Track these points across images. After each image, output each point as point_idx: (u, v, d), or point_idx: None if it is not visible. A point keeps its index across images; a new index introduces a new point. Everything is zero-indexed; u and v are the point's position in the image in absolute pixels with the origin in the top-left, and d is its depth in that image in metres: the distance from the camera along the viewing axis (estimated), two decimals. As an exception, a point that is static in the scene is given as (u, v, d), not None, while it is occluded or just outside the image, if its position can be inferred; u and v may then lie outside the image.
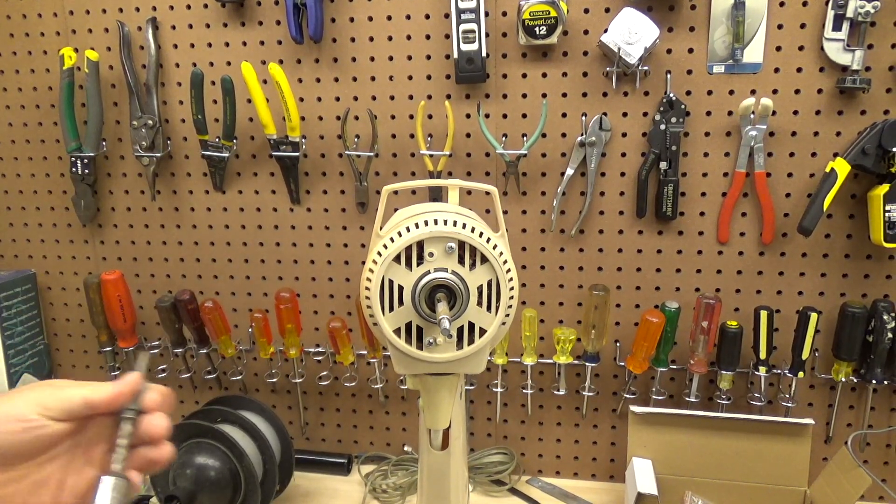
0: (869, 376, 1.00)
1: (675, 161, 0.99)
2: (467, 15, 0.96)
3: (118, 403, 0.48)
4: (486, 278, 0.60)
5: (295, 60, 1.06)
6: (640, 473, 0.95)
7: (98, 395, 0.47)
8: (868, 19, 0.90)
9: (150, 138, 1.09)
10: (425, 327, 0.60)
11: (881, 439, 1.07)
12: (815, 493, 0.95)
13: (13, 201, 1.20)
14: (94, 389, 0.48)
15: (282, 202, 1.12)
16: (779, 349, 1.04)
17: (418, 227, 0.59)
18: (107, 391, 0.48)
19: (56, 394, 0.47)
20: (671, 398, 1.10)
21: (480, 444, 1.18)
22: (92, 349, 1.25)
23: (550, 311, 1.10)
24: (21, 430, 0.45)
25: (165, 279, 1.19)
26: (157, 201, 1.15)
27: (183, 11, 1.07)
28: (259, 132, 1.08)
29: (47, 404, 0.46)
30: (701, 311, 1.00)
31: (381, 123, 1.05)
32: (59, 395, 0.47)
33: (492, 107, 1.03)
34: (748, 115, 0.96)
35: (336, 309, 1.15)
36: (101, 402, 0.47)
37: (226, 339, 1.12)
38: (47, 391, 0.47)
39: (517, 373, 1.13)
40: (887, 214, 0.92)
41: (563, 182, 1.03)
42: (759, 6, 0.94)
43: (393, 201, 1.06)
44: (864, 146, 0.92)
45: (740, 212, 1.01)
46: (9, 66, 1.13)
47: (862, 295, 1.01)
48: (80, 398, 0.47)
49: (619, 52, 0.93)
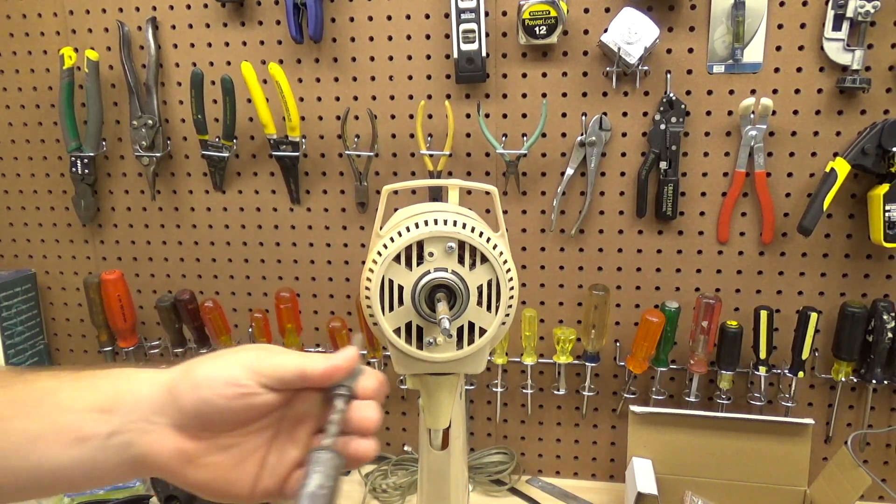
0: (869, 376, 1.00)
1: (675, 161, 0.99)
2: (467, 15, 0.96)
3: (334, 378, 0.44)
4: (486, 278, 0.60)
5: (295, 60, 1.06)
6: (640, 473, 0.95)
7: (313, 367, 0.43)
8: (868, 19, 0.90)
9: (150, 138, 1.09)
10: (425, 327, 0.61)
11: (881, 439, 1.07)
12: (815, 492, 0.95)
13: (13, 201, 1.20)
14: (310, 359, 0.44)
15: (282, 202, 1.12)
16: (779, 349, 1.04)
17: (418, 227, 0.59)
18: (323, 363, 0.44)
19: (270, 360, 0.43)
20: (671, 398, 1.10)
21: (480, 443, 1.18)
22: (92, 349, 1.25)
23: (550, 310, 1.10)
24: (234, 395, 0.42)
25: (165, 279, 1.19)
26: (157, 201, 1.15)
27: (183, 11, 1.07)
28: (259, 132, 1.08)
29: (261, 370, 0.43)
30: (701, 311, 1.00)
31: (380, 123, 1.05)
32: (273, 362, 0.43)
33: (492, 106, 1.03)
34: (748, 114, 0.96)
35: (336, 309, 1.15)
36: (315, 374, 0.43)
37: (226, 338, 1.12)
38: (262, 355, 0.44)
39: (517, 373, 1.13)
40: (887, 214, 0.92)
41: (563, 182, 1.03)
42: (759, 6, 0.94)
43: (393, 201, 1.05)
44: (864, 146, 0.92)
45: (740, 211, 1.01)
46: (9, 65, 1.13)
47: (862, 295, 1.01)
48: (294, 367, 0.43)
49: (619, 51, 0.93)
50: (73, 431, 0.42)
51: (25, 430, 0.42)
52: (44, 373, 0.46)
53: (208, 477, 0.44)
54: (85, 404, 0.43)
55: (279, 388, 0.43)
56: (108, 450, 0.43)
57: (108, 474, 0.43)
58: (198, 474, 0.43)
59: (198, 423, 0.43)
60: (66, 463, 0.42)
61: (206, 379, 0.43)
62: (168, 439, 0.43)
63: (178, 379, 0.43)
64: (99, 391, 0.44)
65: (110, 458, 0.43)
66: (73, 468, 0.42)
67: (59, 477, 0.43)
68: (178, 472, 0.43)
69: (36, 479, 0.43)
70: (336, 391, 0.44)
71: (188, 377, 0.43)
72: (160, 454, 0.43)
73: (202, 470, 0.43)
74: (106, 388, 0.44)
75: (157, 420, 0.43)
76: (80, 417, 0.43)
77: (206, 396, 0.42)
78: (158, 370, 0.45)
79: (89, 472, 0.43)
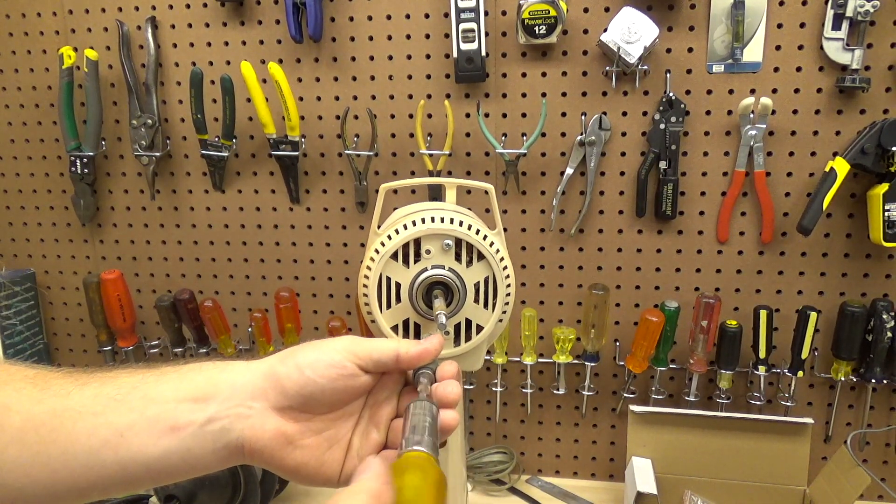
0: (868, 375, 1.00)
1: (674, 160, 0.99)
2: (467, 14, 0.96)
3: (423, 359, 0.47)
4: (483, 275, 0.60)
5: (294, 60, 1.06)
6: (639, 473, 0.95)
7: (406, 349, 0.46)
8: (867, 18, 0.90)
9: (150, 137, 1.09)
10: (422, 324, 0.61)
11: (880, 438, 1.07)
12: (815, 492, 0.95)
13: (13, 201, 1.20)
14: (403, 343, 0.47)
15: (281, 201, 1.12)
16: (778, 348, 1.03)
17: (415, 225, 0.59)
18: (415, 347, 0.46)
19: (366, 343, 0.46)
20: (671, 397, 1.09)
21: (480, 443, 1.18)
22: (91, 348, 1.25)
23: (550, 310, 1.10)
24: (336, 376, 0.44)
25: (165, 278, 1.19)
26: (157, 201, 1.15)
27: (182, 11, 1.07)
28: (258, 131, 1.08)
29: (358, 353, 0.45)
30: (700, 311, 1.00)
31: (380, 123, 1.05)
32: (369, 345, 0.45)
33: (491, 106, 1.03)
34: (748, 114, 0.96)
35: (336, 308, 1.15)
36: (409, 356, 0.46)
37: (225, 338, 1.12)
38: (358, 339, 0.46)
39: (517, 372, 1.13)
40: (887, 213, 0.92)
41: (562, 181, 1.03)
42: (758, 5, 0.94)
43: (392, 201, 1.05)
44: (864, 145, 0.92)
45: (740, 211, 1.01)
46: (8, 65, 1.13)
47: (861, 294, 1.01)
48: (391, 349, 0.45)
49: (618, 51, 0.93)
50: (167, 421, 0.43)
51: (114, 424, 0.42)
52: (122, 370, 0.46)
53: (304, 459, 0.45)
54: (177, 395, 0.44)
55: (374, 369, 0.46)
56: (205, 437, 0.43)
57: (201, 462, 0.44)
58: (295, 456, 0.45)
59: (300, 403, 0.44)
60: (157, 454, 0.42)
61: (309, 361, 0.44)
62: (269, 421, 0.44)
63: (278, 364, 0.45)
64: (190, 382, 0.45)
65: (206, 445, 0.43)
66: (166, 459, 0.43)
67: (150, 469, 0.43)
68: (275, 453, 0.44)
69: (127, 473, 0.43)
70: (421, 371, 0.48)
71: (290, 361, 0.45)
72: (261, 437, 0.43)
73: (299, 452, 0.45)
74: (197, 379, 0.45)
75: (255, 405, 0.44)
76: (173, 407, 0.43)
77: (310, 377, 0.44)
78: (249, 361, 0.46)
79: (182, 462, 0.43)
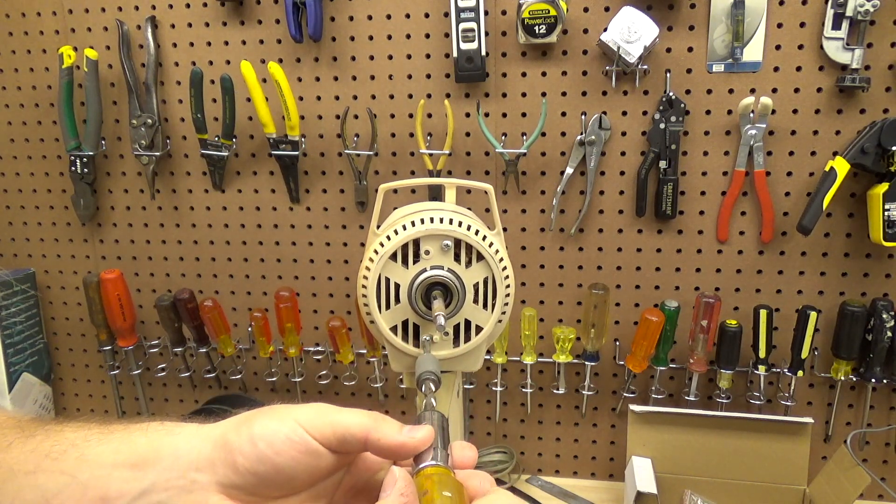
0: (868, 375, 1.00)
1: (674, 160, 0.99)
2: (467, 14, 0.96)
3: (401, 455, 0.39)
4: (483, 276, 0.60)
5: (294, 59, 1.06)
6: (639, 472, 0.95)
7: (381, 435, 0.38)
8: (867, 18, 0.90)
9: (150, 137, 1.09)
10: (422, 325, 0.61)
11: (880, 438, 1.07)
12: (815, 491, 0.95)
13: (12, 200, 1.20)
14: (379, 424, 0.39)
15: (281, 201, 1.12)
16: (778, 348, 1.03)
17: (414, 225, 0.59)
18: (393, 434, 0.38)
19: (332, 415, 0.38)
20: (671, 397, 1.09)
21: (480, 442, 1.18)
22: (91, 348, 1.25)
23: (550, 309, 1.10)
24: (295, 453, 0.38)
25: (165, 278, 1.19)
26: (157, 200, 1.15)
27: (182, 10, 1.07)
28: (258, 131, 1.08)
29: (320, 427, 0.38)
30: (700, 310, 1.00)
31: (380, 122, 1.05)
32: (334, 418, 0.38)
33: (491, 106, 1.03)
34: (748, 113, 0.96)
35: (335, 308, 1.15)
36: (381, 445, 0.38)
37: (225, 338, 1.12)
38: (323, 410, 0.39)
39: (516, 372, 1.13)
40: (887, 213, 0.92)
41: (562, 181, 1.03)
42: (758, 5, 0.94)
43: (392, 200, 1.05)
44: (864, 145, 0.92)
45: (740, 211, 1.01)
46: (8, 64, 1.13)
47: (861, 294, 1.01)
48: (360, 428, 0.38)
49: (618, 50, 0.93)
50: (98, 490, 0.38)
51: (43, 488, 0.38)
52: (71, 423, 0.41)
53: None
54: (116, 458, 0.38)
55: (338, 449, 0.39)
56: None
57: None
58: None
59: (251, 482, 0.38)
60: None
61: (265, 433, 0.38)
62: (211, 500, 0.38)
63: (232, 432, 0.39)
64: (132, 444, 0.39)
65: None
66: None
67: None
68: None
69: None
70: (424, 374, 0.41)
71: (245, 430, 0.38)
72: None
73: None
74: (139, 441, 0.39)
75: (200, 478, 0.38)
76: (107, 473, 0.38)
77: (264, 452, 0.37)
78: (202, 424, 0.40)
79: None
